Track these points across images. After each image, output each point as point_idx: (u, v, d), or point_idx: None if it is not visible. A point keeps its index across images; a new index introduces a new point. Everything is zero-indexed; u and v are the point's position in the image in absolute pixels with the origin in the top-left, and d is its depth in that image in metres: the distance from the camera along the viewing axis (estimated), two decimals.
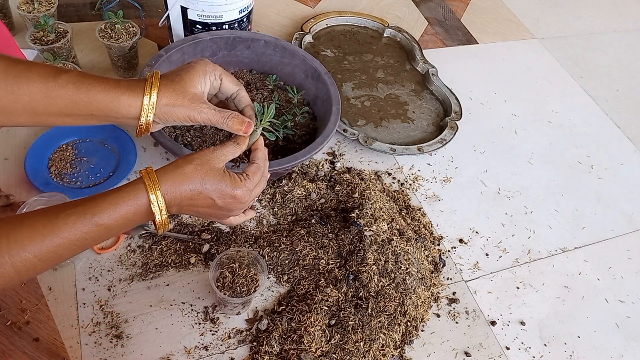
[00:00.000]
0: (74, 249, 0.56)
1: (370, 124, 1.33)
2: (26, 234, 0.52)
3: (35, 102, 0.56)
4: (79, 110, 0.58)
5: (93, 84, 0.59)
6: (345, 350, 0.90)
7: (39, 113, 0.58)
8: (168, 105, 0.60)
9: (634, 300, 1.12)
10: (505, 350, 0.99)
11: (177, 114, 0.61)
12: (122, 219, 0.57)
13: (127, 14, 1.35)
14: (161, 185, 0.59)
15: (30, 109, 0.57)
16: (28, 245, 0.52)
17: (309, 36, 1.48)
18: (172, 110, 0.60)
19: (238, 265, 0.92)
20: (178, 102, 0.60)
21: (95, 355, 0.85)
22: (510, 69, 1.61)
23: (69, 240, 0.54)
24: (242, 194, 0.64)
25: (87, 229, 0.55)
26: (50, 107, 0.57)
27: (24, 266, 0.52)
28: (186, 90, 0.61)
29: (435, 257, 1.09)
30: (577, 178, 1.34)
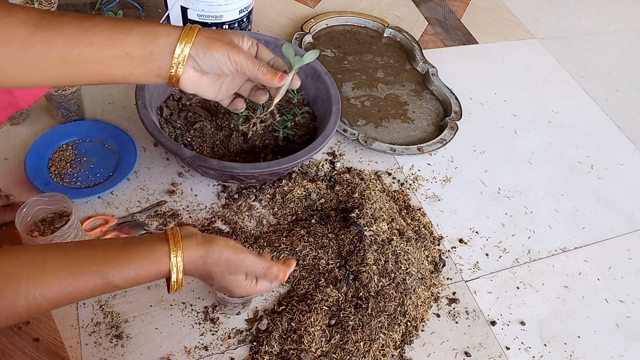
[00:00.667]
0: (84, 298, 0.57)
1: (370, 124, 1.33)
2: (47, 282, 0.53)
3: (71, 45, 0.55)
4: (116, 47, 0.57)
5: (129, 19, 0.58)
6: (345, 350, 0.90)
7: (73, 60, 0.56)
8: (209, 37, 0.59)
9: (634, 300, 1.12)
10: (505, 350, 0.99)
11: (216, 48, 0.60)
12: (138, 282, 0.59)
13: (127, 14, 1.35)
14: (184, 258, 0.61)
15: (64, 55, 0.55)
16: (47, 292, 0.53)
17: (309, 36, 1.48)
18: (211, 43, 0.59)
19: None
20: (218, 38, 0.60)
21: (95, 355, 0.85)
22: (510, 69, 1.61)
23: (84, 294, 0.56)
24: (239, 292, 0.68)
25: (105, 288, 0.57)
26: (87, 49, 0.56)
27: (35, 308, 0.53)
28: (226, 35, 0.61)
29: (435, 257, 1.09)
30: (577, 178, 1.34)
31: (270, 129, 1.14)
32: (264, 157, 1.10)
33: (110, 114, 1.19)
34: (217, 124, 1.13)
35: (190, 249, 0.61)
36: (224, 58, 0.61)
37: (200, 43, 0.60)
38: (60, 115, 1.13)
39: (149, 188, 1.08)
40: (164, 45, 0.58)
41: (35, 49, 0.54)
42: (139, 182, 1.09)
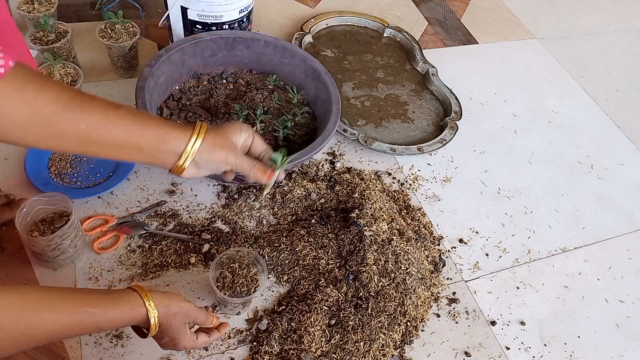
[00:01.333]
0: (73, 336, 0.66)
1: (370, 124, 1.33)
2: (52, 318, 0.58)
3: (92, 130, 0.61)
4: (131, 141, 0.64)
5: (149, 117, 0.66)
6: (345, 350, 0.90)
7: (90, 142, 0.62)
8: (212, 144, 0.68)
9: (634, 300, 1.12)
10: (505, 350, 0.99)
11: (217, 155, 0.69)
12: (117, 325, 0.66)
13: (127, 14, 1.35)
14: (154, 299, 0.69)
15: (83, 137, 0.61)
16: (50, 327, 0.58)
17: (309, 36, 1.48)
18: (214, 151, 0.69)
19: (238, 265, 0.92)
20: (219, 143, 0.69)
21: (95, 355, 0.85)
22: (510, 69, 1.61)
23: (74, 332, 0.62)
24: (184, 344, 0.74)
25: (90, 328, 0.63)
26: (105, 136, 0.62)
27: (36, 340, 0.58)
28: (227, 137, 0.71)
29: (435, 257, 1.09)
30: (577, 178, 1.34)
31: (270, 129, 1.14)
32: None
33: None
34: (217, 124, 1.13)
35: (157, 298, 0.69)
36: (222, 163, 0.70)
37: (204, 150, 0.68)
38: None
39: (149, 188, 1.08)
40: (173, 147, 0.67)
41: (59, 126, 0.60)
42: (139, 182, 1.09)
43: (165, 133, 0.66)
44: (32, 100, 0.58)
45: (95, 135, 0.62)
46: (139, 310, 0.67)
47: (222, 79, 1.22)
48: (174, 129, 0.66)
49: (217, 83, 1.21)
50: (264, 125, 1.14)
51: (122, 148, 0.64)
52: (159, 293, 0.71)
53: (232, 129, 0.72)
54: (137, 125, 0.64)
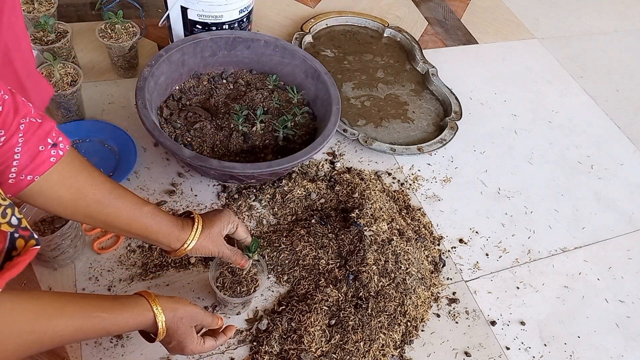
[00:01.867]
0: (84, 340, 0.70)
1: (370, 124, 1.33)
2: (64, 323, 0.61)
3: (117, 219, 0.72)
4: (144, 232, 0.75)
5: (163, 219, 0.77)
6: (345, 350, 0.90)
7: (114, 227, 0.73)
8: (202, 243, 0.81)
9: (634, 300, 1.12)
10: (505, 350, 0.99)
11: (206, 249, 0.82)
12: (125, 330, 0.70)
13: (127, 14, 1.35)
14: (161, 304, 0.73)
15: (108, 221, 0.72)
16: (61, 331, 0.60)
17: (309, 36, 1.48)
18: (203, 245, 0.81)
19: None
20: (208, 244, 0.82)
21: (95, 355, 0.85)
22: (510, 69, 1.61)
23: (86, 335, 0.65)
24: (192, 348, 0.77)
25: (100, 332, 0.66)
26: (125, 225, 0.73)
27: (48, 343, 0.61)
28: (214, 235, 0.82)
29: (435, 257, 1.09)
30: (577, 178, 1.34)
31: (270, 129, 1.14)
32: (264, 157, 1.10)
33: (110, 114, 1.19)
34: (217, 124, 1.13)
35: (164, 303, 0.72)
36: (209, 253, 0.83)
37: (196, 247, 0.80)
38: (60, 115, 1.13)
39: (149, 188, 1.08)
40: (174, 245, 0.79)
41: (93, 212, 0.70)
42: (139, 182, 1.09)
43: (170, 233, 0.78)
44: (81, 187, 0.68)
45: (119, 223, 0.73)
46: (147, 315, 0.70)
47: (222, 79, 1.22)
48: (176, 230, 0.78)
49: (217, 83, 1.21)
50: (264, 125, 1.14)
51: (138, 236, 0.76)
52: (166, 298, 0.73)
53: (220, 221, 0.83)
54: (155, 224, 0.76)
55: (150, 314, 0.70)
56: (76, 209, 0.69)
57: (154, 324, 0.70)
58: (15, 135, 0.61)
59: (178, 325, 0.73)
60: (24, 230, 0.56)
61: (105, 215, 0.71)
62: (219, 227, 0.83)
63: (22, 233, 0.56)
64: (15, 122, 0.61)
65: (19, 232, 0.55)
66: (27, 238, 0.56)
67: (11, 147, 0.61)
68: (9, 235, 0.55)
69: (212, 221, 0.83)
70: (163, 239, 0.77)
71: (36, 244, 0.57)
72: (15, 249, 0.55)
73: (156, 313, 0.70)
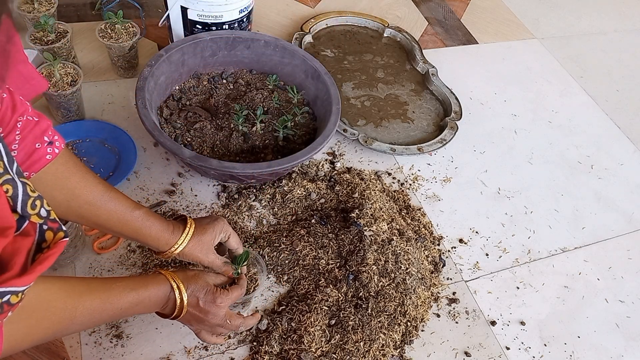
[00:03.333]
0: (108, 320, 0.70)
1: (370, 124, 1.33)
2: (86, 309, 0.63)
3: (109, 220, 0.73)
4: (134, 234, 0.76)
5: (154, 223, 0.77)
6: (345, 350, 0.90)
7: (103, 225, 0.74)
8: (191, 249, 0.80)
9: (634, 300, 1.12)
10: (505, 350, 0.99)
11: (193, 256, 0.81)
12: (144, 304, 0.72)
13: (127, 14, 1.35)
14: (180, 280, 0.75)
15: (99, 222, 0.73)
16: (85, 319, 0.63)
17: (309, 36, 1.48)
18: (192, 253, 0.80)
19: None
20: (197, 251, 0.81)
21: (95, 355, 0.85)
22: (510, 69, 1.61)
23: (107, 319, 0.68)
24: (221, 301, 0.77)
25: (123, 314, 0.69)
26: (116, 227, 0.74)
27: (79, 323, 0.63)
28: (205, 244, 0.82)
29: (435, 257, 1.09)
30: (577, 178, 1.34)
31: (270, 129, 1.14)
32: (264, 157, 1.10)
33: (110, 114, 1.19)
34: (217, 124, 1.13)
35: (182, 275, 0.75)
36: (196, 260, 0.81)
37: (183, 252, 0.80)
38: (60, 115, 1.13)
39: (149, 188, 1.08)
40: (163, 247, 0.78)
41: (85, 213, 0.71)
42: (139, 182, 1.09)
43: (160, 237, 0.78)
44: (74, 189, 0.69)
45: (110, 224, 0.74)
46: (166, 287, 0.72)
47: (222, 79, 1.22)
48: (166, 234, 0.78)
49: (217, 83, 1.21)
50: (264, 125, 1.14)
51: (125, 235, 0.77)
52: (183, 273, 0.76)
53: (213, 229, 0.83)
54: (145, 228, 0.76)
55: (168, 286, 0.72)
56: (69, 209, 0.70)
57: (173, 298, 0.73)
58: (13, 133, 0.62)
59: (198, 296, 0.75)
60: (52, 222, 0.57)
61: (97, 217, 0.72)
62: (211, 235, 0.83)
63: (50, 225, 0.56)
64: (13, 119, 0.62)
65: (47, 224, 0.56)
66: (56, 230, 0.57)
67: (9, 144, 0.61)
68: (38, 226, 0.55)
69: (205, 229, 0.83)
70: (152, 242, 0.78)
71: (64, 236, 0.57)
72: (44, 241, 0.56)
73: (174, 287, 0.72)
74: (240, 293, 0.81)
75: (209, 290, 0.76)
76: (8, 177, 0.52)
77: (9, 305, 0.50)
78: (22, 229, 0.54)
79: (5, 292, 0.49)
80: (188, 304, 0.74)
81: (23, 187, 0.53)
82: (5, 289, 0.49)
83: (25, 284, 0.51)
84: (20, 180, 0.53)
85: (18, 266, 0.51)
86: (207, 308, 0.76)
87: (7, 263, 0.51)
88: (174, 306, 0.73)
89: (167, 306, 0.74)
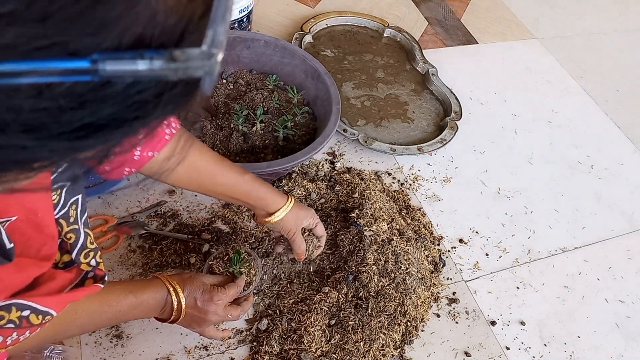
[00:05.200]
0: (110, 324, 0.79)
1: (370, 124, 1.33)
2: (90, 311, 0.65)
3: (223, 186, 0.80)
4: (245, 197, 0.83)
5: (262, 185, 0.84)
6: (345, 350, 0.90)
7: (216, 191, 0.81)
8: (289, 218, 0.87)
9: (634, 300, 1.12)
10: (505, 350, 0.99)
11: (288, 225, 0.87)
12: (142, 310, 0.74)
13: None
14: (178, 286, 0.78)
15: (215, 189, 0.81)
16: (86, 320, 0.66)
17: (309, 36, 1.48)
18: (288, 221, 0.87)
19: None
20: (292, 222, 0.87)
21: (95, 355, 0.85)
22: (510, 69, 1.61)
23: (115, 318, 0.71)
24: (218, 298, 0.79)
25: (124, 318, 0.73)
26: (228, 191, 0.81)
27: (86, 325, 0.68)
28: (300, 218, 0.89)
29: (435, 257, 1.09)
30: (577, 178, 1.34)
31: (270, 129, 1.14)
32: (264, 157, 1.10)
33: None
34: (217, 124, 1.13)
35: (178, 278, 0.77)
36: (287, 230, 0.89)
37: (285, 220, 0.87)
38: None
39: (149, 188, 1.08)
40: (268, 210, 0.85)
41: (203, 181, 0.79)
42: (139, 181, 1.09)
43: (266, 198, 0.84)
44: (193, 162, 0.76)
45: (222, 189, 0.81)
46: (164, 292, 0.74)
47: (222, 79, 1.22)
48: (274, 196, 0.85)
49: (217, 83, 1.21)
50: (264, 125, 1.14)
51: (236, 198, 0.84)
52: (178, 276, 0.78)
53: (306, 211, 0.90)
54: (254, 190, 0.83)
55: (165, 290, 0.74)
56: (190, 180, 0.77)
57: (170, 301, 0.74)
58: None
59: (196, 296, 0.76)
60: (99, 271, 0.60)
61: (214, 184, 0.79)
62: (306, 214, 0.90)
63: (96, 272, 0.60)
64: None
65: (94, 272, 0.60)
66: (98, 278, 0.60)
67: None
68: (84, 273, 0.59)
69: (302, 206, 0.90)
70: (260, 203, 0.84)
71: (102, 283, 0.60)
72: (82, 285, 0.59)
73: (171, 291, 0.74)
74: (237, 290, 0.82)
75: (206, 290, 0.78)
76: (75, 227, 0.56)
77: (29, 323, 0.50)
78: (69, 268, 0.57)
79: (26, 306, 0.49)
80: (186, 305, 0.75)
81: (84, 238, 0.57)
82: (25, 302, 0.49)
83: (48, 305, 0.51)
84: (84, 231, 0.58)
85: (48, 289, 0.52)
86: (206, 307, 0.76)
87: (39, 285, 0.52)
88: (172, 309, 0.74)
89: (165, 310, 0.75)
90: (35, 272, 0.50)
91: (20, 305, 0.49)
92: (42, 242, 0.50)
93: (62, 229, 0.54)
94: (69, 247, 0.56)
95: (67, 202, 0.54)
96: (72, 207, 0.55)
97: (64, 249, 0.56)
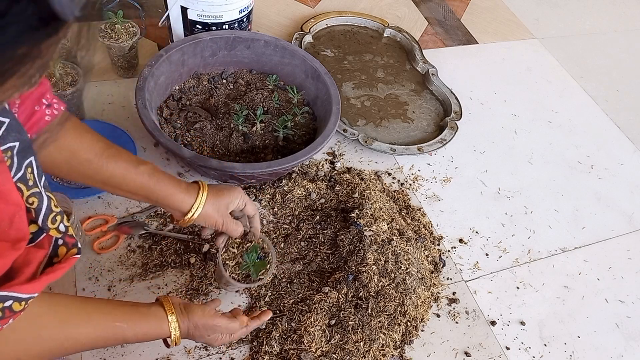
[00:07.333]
0: (102, 347, 0.72)
1: (370, 124, 1.33)
2: (86, 331, 0.62)
3: (113, 178, 0.72)
4: (143, 193, 0.74)
5: (162, 179, 0.75)
6: (345, 350, 0.90)
7: (110, 185, 0.73)
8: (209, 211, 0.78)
9: (634, 300, 1.12)
10: (505, 350, 0.99)
11: (212, 218, 0.79)
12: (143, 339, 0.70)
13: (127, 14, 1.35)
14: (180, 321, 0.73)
15: (104, 181, 0.72)
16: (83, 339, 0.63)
17: (309, 36, 1.48)
18: (210, 215, 0.78)
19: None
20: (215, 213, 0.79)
21: (95, 355, 0.85)
22: (510, 69, 1.61)
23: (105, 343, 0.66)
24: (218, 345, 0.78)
25: (117, 341, 0.67)
26: (123, 185, 0.73)
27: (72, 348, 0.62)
28: (222, 206, 0.80)
29: (435, 257, 1.09)
30: (577, 178, 1.34)
31: (270, 129, 1.14)
32: (264, 157, 1.10)
33: (110, 114, 1.19)
34: (217, 124, 1.13)
35: (182, 314, 0.73)
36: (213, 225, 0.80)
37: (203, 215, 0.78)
38: None
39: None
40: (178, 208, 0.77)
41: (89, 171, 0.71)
42: None
43: (173, 193, 0.75)
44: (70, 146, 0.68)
45: (116, 183, 0.72)
46: (164, 327, 0.71)
47: (222, 79, 1.22)
48: (181, 192, 0.76)
49: (217, 83, 1.21)
50: (264, 125, 1.14)
51: (136, 196, 0.75)
52: (185, 306, 0.74)
53: (229, 193, 0.81)
54: (152, 184, 0.74)
55: (166, 327, 0.70)
56: (70, 168, 0.70)
57: (168, 334, 0.71)
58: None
59: (194, 335, 0.74)
60: (69, 238, 0.58)
61: (99, 175, 0.71)
62: (228, 198, 0.80)
63: (66, 240, 0.57)
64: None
65: (64, 239, 0.57)
66: (70, 246, 0.58)
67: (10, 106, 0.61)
68: (54, 241, 0.56)
69: (221, 192, 0.80)
70: (165, 201, 0.75)
71: (77, 253, 0.58)
72: (56, 256, 0.57)
73: (171, 328, 0.71)
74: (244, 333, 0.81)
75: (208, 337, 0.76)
76: (36, 190, 0.53)
77: (11, 312, 0.50)
78: (38, 241, 0.55)
79: (8, 297, 0.49)
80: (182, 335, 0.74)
81: (48, 201, 0.54)
82: (7, 293, 0.49)
83: (30, 292, 0.51)
84: (46, 194, 0.54)
85: (26, 275, 0.51)
86: (210, 342, 0.77)
87: (16, 272, 0.51)
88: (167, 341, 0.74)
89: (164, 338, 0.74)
90: (12, 256, 0.48)
91: (3, 297, 0.48)
92: (12, 213, 0.48)
93: (23, 193, 0.51)
94: (34, 213, 0.53)
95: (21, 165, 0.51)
96: (28, 170, 0.52)
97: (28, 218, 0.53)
